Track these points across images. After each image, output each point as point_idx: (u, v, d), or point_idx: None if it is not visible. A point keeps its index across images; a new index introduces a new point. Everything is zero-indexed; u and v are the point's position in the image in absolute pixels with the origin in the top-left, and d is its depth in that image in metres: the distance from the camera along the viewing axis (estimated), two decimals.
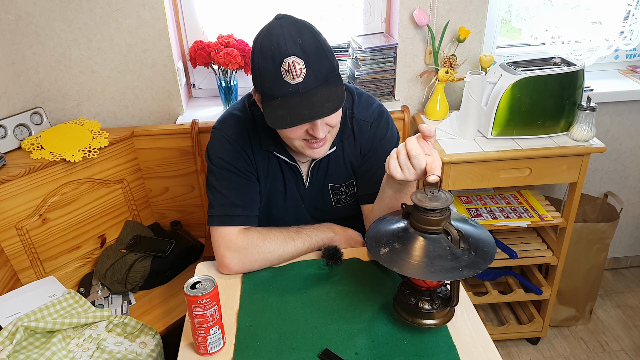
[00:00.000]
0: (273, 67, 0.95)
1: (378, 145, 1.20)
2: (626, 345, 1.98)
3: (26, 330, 1.25)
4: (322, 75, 0.97)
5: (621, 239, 2.29)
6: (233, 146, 1.15)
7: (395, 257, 0.85)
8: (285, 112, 0.97)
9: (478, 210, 1.79)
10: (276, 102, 0.98)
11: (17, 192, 1.48)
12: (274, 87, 0.97)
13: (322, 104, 0.97)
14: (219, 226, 1.14)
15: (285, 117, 0.97)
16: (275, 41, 0.95)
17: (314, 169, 1.21)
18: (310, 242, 1.18)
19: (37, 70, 1.70)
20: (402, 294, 0.96)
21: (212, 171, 1.17)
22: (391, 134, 1.22)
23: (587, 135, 1.58)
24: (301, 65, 0.95)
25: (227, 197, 1.15)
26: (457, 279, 0.85)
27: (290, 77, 0.95)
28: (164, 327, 1.48)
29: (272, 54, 0.95)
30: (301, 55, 0.94)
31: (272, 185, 1.22)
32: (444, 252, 0.83)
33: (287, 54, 0.94)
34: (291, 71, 0.95)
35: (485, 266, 0.82)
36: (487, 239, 0.88)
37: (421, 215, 0.85)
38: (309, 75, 0.96)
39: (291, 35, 0.95)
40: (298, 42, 0.95)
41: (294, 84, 0.96)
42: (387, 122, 1.22)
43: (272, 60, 0.95)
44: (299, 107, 0.97)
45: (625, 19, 1.85)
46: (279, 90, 0.97)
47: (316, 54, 0.96)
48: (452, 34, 1.80)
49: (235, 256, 1.12)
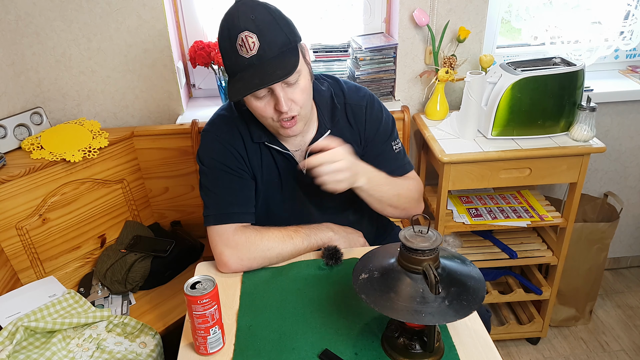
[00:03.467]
0: (229, 44, 1.01)
1: (380, 127, 1.24)
2: (626, 345, 1.98)
3: (26, 330, 1.25)
4: (276, 48, 1.01)
5: (621, 239, 2.29)
6: (224, 145, 1.16)
7: (368, 285, 0.86)
8: (241, 84, 1.01)
9: (478, 210, 1.79)
10: (236, 78, 1.03)
11: (17, 192, 1.48)
12: (232, 64, 1.03)
13: (273, 72, 1.00)
14: (215, 225, 1.14)
15: (240, 88, 1.01)
16: (230, 19, 1.01)
17: (310, 155, 1.20)
18: (309, 241, 1.18)
19: (37, 70, 1.70)
20: (388, 327, 0.95)
21: (204, 172, 1.18)
22: (387, 114, 1.27)
23: (587, 135, 1.58)
24: (254, 39, 0.99)
25: (220, 196, 1.15)
26: (416, 323, 0.84)
27: (245, 52, 0.99)
28: (164, 327, 1.48)
29: (229, 32, 1.00)
30: (254, 29, 0.99)
31: (268, 178, 1.21)
32: (415, 293, 0.82)
33: (240, 29, 0.99)
34: (245, 45, 0.99)
35: (454, 319, 0.80)
36: (474, 291, 0.84)
37: (404, 252, 0.85)
38: (262, 48, 0.99)
39: (244, 12, 0.99)
40: (251, 17, 0.99)
41: (249, 57, 1.00)
42: (380, 105, 1.27)
43: (228, 38, 1.01)
44: (251, 78, 1.01)
45: (625, 19, 1.85)
46: (237, 66, 1.02)
47: (269, 28, 1.00)
48: (452, 34, 1.80)
49: (233, 253, 1.13)
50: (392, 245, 0.97)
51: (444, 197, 1.65)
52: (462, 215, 1.76)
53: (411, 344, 0.90)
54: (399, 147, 1.27)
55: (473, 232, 1.90)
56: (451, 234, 1.84)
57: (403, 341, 0.91)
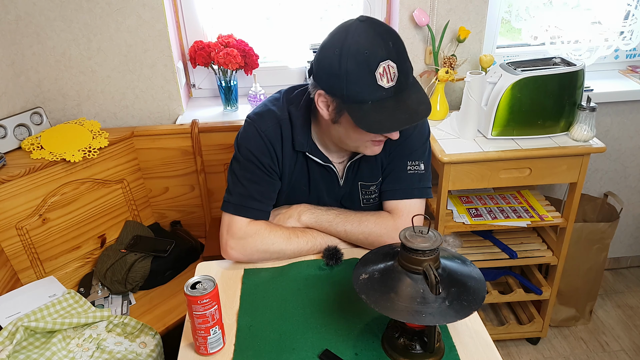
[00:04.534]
0: (368, 71, 0.95)
1: (403, 142, 1.17)
2: (626, 345, 1.98)
3: (26, 330, 1.25)
4: (409, 78, 0.99)
5: (621, 239, 2.29)
6: (263, 141, 1.14)
7: (368, 285, 0.86)
8: (382, 116, 0.97)
9: (478, 210, 1.79)
10: (367, 106, 0.98)
11: (17, 192, 1.48)
12: (365, 92, 0.97)
13: (417, 107, 0.98)
14: (231, 214, 1.15)
15: (383, 121, 0.97)
16: (370, 44, 0.94)
17: (349, 168, 1.20)
18: (314, 243, 1.18)
19: (37, 70, 1.70)
20: (389, 327, 0.95)
21: (237, 159, 1.17)
22: (420, 130, 1.18)
23: (587, 135, 1.58)
24: (395, 69, 0.95)
25: (247, 188, 1.15)
26: (416, 324, 0.84)
27: (385, 82, 0.95)
28: (164, 327, 1.48)
29: (368, 58, 0.94)
30: (394, 59, 0.95)
31: (296, 181, 1.21)
32: (416, 294, 0.82)
33: (383, 57, 0.94)
34: (386, 75, 0.95)
35: (454, 320, 0.80)
36: (474, 292, 0.84)
37: (405, 252, 0.85)
38: (400, 79, 0.96)
39: (383, 38, 0.95)
40: (390, 45, 0.95)
41: (387, 88, 0.96)
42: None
43: (367, 65, 0.94)
44: (396, 112, 0.97)
45: (625, 19, 1.85)
46: (371, 95, 0.97)
47: (404, 56, 0.98)
48: (452, 34, 1.80)
49: (238, 243, 1.14)
50: (394, 245, 0.97)
51: (444, 197, 1.65)
52: (462, 215, 1.76)
53: (411, 344, 0.90)
54: (417, 169, 1.18)
55: (473, 232, 1.90)
56: (451, 234, 1.84)
57: (403, 341, 0.91)
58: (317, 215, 1.20)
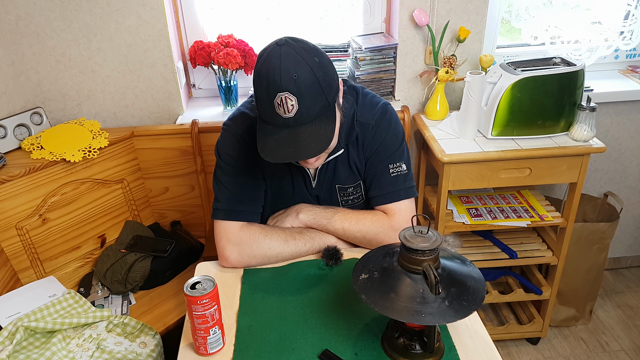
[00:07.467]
0: (267, 98, 0.95)
1: (379, 147, 1.19)
2: (626, 345, 1.98)
3: (26, 330, 1.25)
4: (314, 112, 0.96)
5: (621, 239, 2.29)
6: (241, 144, 1.16)
7: (368, 285, 0.86)
8: (274, 144, 0.97)
9: (478, 210, 1.79)
10: (268, 129, 0.98)
11: (17, 192, 1.48)
12: (267, 115, 0.97)
13: (308, 144, 0.96)
14: (222, 220, 1.15)
15: (272, 149, 0.97)
16: (272, 73, 0.93)
17: (320, 170, 1.21)
18: (311, 244, 1.18)
19: (37, 70, 1.70)
20: (388, 327, 0.95)
21: (220, 166, 1.18)
22: (394, 132, 1.20)
23: (587, 135, 1.58)
24: (293, 102, 0.93)
25: (233, 192, 1.16)
26: (416, 324, 0.84)
27: (282, 112, 0.94)
28: (164, 327, 1.48)
29: (268, 86, 0.94)
30: (294, 92, 0.92)
31: (278, 183, 1.22)
32: (415, 293, 0.82)
33: (280, 89, 0.92)
34: (283, 106, 0.93)
35: (454, 320, 0.80)
36: (474, 292, 0.84)
37: (404, 252, 0.85)
38: (300, 112, 0.94)
39: (287, 70, 0.92)
40: (293, 77, 0.92)
41: (284, 118, 0.95)
42: (388, 123, 1.19)
43: (267, 92, 0.94)
44: (285, 143, 0.96)
45: (625, 19, 1.85)
46: (271, 119, 0.97)
47: (311, 90, 0.94)
48: (452, 34, 1.80)
49: (235, 249, 1.14)
50: (393, 245, 0.97)
51: (444, 197, 1.65)
52: (462, 215, 1.76)
53: (411, 344, 0.90)
54: (399, 171, 1.19)
55: (473, 232, 1.90)
56: (451, 234, 1.84)
57: (403, 341, 0.91)
58: (315, 213, 1.20)
